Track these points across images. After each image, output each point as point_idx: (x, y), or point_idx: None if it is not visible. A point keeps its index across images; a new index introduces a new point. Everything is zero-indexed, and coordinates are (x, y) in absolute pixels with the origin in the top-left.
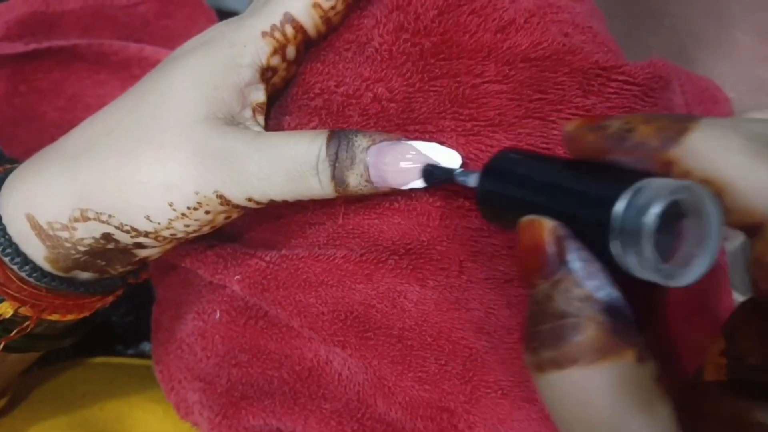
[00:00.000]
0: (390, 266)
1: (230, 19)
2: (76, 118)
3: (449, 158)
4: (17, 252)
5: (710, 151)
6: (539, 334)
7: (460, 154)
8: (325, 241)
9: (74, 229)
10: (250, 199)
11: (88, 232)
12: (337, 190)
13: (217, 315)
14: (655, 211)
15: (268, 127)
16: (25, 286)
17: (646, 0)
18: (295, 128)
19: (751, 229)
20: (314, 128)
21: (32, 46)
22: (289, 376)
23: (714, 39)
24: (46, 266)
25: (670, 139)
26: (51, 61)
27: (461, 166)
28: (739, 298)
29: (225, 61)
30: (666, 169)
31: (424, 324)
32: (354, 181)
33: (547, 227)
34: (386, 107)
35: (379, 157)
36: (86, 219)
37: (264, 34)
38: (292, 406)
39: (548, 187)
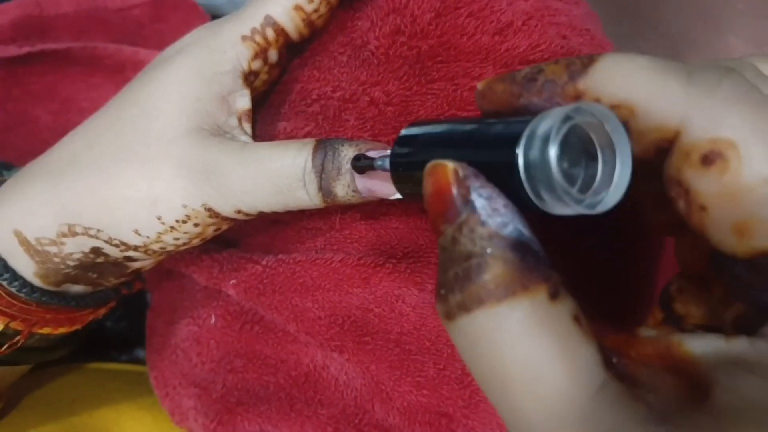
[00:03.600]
0: (388, 270)
1: (209, 24)
2: (70, 122)
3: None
4: (6, 268)
5: (616, 75)
6: (447, 281)
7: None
8: (322, 246)
9: (63, 244)
10: (238, 212)
11: (76, 247)
12: (325, 201)
13: (213, 320)
14: (555, 139)
15: (265, 133)
16: (15, 302)
17: (640, 6)
18: (290, 133)
19: (664, 149)
20: (309, 133)
21: (25, 49)
22: (285, 382)
23: (708, 44)
24: (36, 281)
25: (576, 72)
26: (44, 64)
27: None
28: None
29: (206, 69)
30: (574, 102)
31: (422, 328)
32: (341, 191)
33: (449, 168)
34: (383, 111)
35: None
36: (74, 234)
37: (244, 38)
38: (288, 412)
39: (455, 142)
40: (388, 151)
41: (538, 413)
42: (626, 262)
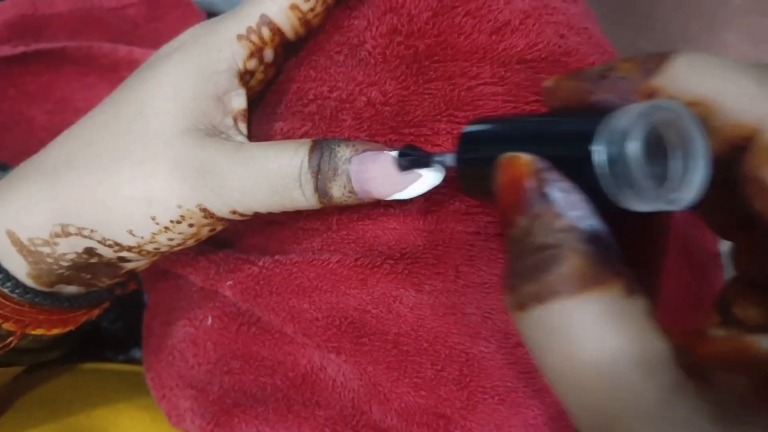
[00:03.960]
0: (385, 271)
1: (205, 22)
2: (66, 122)
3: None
4: None
5: (692, 73)
6: (519, 271)
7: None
8: (319, 246)
9: (56, 244)
10: (234, 212)
11: (70, 248)
12: (321, 202)
13: (209, 321)
14: (636, 135)
15: (261, 133)
16: (7, 302)
17: (637, 4)
18: (287, 133)
19: (740, 147)
20: (306, 133)
21: (20, 49)
22: (282, 383)
23: (705, 42)
24: (29, 282)
25: (651, 70)
26: (40, 64)
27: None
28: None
29: (201, 69)
30: (649, 100)
31: (420, 329)
32: (337, 192)
33: (524, 161)
34: (380, 111)
35: (361, 167)
36: (68, 234)
37: (240, 37)
38: (285, 414)
39: (526, 138)
40: (441, 155)
41: (612, 408)
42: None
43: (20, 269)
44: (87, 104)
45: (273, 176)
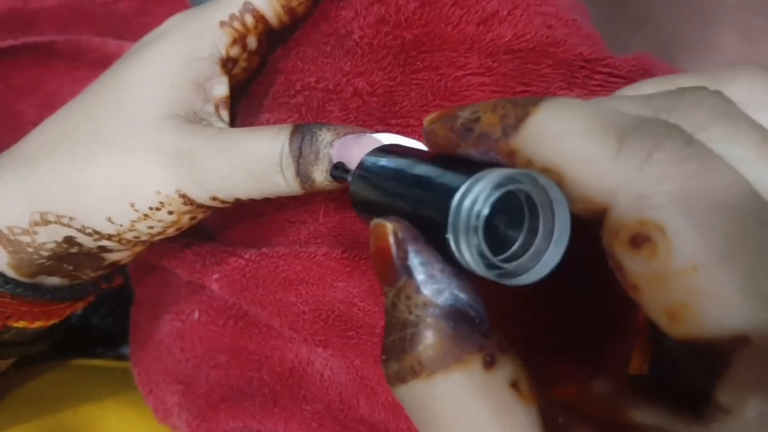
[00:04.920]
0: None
1: (188, 10)
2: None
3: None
4: None
5: (548, 137)
6: (386, 348)
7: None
8: (306, 239)
9: (35, 233)
10: (214, 198)
11: (49, 236)
12: (303, 187)
13: (196, 315)
14: (484, 202)
15: (247, 125)
16: None
17: (630, 2)
18: (273, 124)
19: (598, 218)
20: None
21: (8, 42)
22: (269, 378)
23: (698, 41)
24: (10, 272)
25: (510, 127)
26: (28, 58)
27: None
28: None
29: (182, 55)
30: (511, 160)
31: None
32: (320, 176)
33: (389, 229)
34: (367, 101)
35: (342, 151)
36: (47, 222)
37: (222, 23)
38: (272, 408)
39: (403, 184)
40: (350, 174)
41: None
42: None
43: (0, 259)
44: None
45: (253, 161)
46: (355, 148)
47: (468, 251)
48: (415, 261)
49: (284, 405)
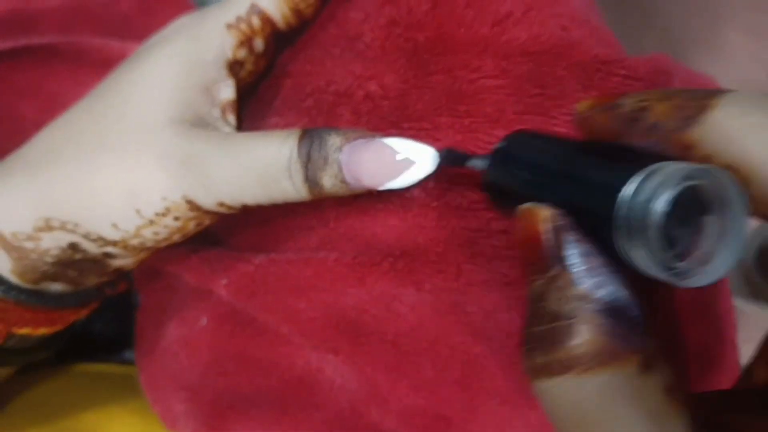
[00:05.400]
0: (384, 269)
1: (193, 12)
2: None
3: (424, 155)
4: None
5: (734, 131)
6: (532, 337)
7: (440, 151)
8: (316, 245)
9: (39, 239)
10: (221, 204)
11: (53, 242)
12: (312, 192)
13: (203, 322)
14: (664, 197)
15: (255, 129)
16: None
17: (639, 2)
18: (283, 129)
19: None
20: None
21: (9, 44)
22: (278, 385)
23: (706, 38)
24: (13, 279)
25: (688, 119)
26: (29, 59)
27: (441, 161)
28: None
29: (188, 58)
30: (685, 154)
31: (420, 329)
32: (328, 182)
33: (543, 216)
34: (379, 105)
35: (352, 156)
36: (51, 228)
37: (229, 26)
38: (281, 416)
39: (554, 172)
40: (476, 158)
41: None
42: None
43: (4, 265)
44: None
45: (261, 166)
46: (365, 153)
47: (641, 249)
48: (573, 251)
49: (293, 413)
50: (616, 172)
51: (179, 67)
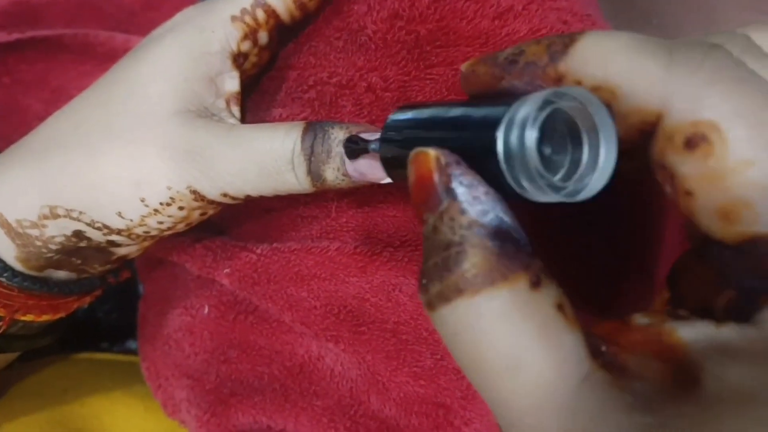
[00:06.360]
0: (385, 258)
1: (199, 4)
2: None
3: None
4: None
5: (597, 56)
6: (428, 270)
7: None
8: (318, 234)
9: (44, 226)
10: (225, 195)
11: (58, 230)
12: (314, 185)
13: (206, 310)
14: (533, 124)
15: (259, 120)
16: None
17: None
18: (286, 120)
19: (647, 132)
20: (305, 119)
21: (15, 36)
22: (279, 373)
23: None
24: (18, 266)
25: (557, 53)
26: (35, 51)
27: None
28: None
29: (193, 49)
30: (558, 85)
31: (419, 318)
32: (331, 175)
33: (432, 155)
34: (381, 96)
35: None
36: (56, 216)
37: (234, 18)
38: (282, 403)
39: (439, 127)
40: (371, 141)
41: (520, 403)
42: (625, 245)
43: (8, 252)
44: None
45: (264, 158)
46: None
47: (524, 174)
48: (459, 183)
49: (294, 400)
50: (492, 109)
51: (185, 58)
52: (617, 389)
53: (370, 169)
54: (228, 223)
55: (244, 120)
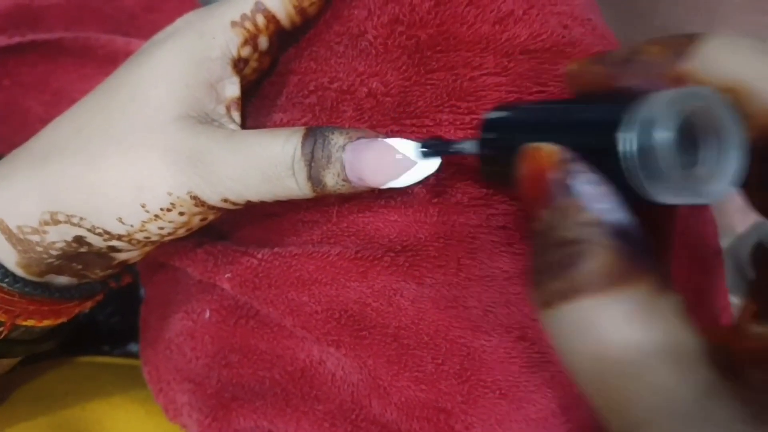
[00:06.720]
0: (386, 263)
1: (199, 9)
2: (62, 113)
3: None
4: None
5: (722, 56)
6: (544, 267)
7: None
8: (319, 239)
9: (45, 232)
10: (225, 200)
11: (59, 236)
12: (314, 191)
13: (207, 314)
14: (666, 123)
15: (260, 125)
16: None
17: (636, 0)
18: (287, 125)
19: None
20: (306, 124)
21: (16, 39)
22: (281, 377)
23: None
24: (19, 271)
25: (678, 54)
26: (36, 54)
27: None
28: (734, 299)
29: (194, 55)
30: (678, 85)
31: (420, 322)
32: (331, 180)
33: (548, 152)
34: (382, 101)
35: (355, 155)
36: (57, 222)
37: (234, 23)
38: (283, 408)
39: (548, 126)
40: (462, 142)
41: (643, 410)
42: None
43: (9, 258)
44: (83, 96)
45: (265, 164)
46: (368, 152)
47: (649, 175)
48: (580, 180)
49: (296, 405)
50: (609, 108)
51: (185, 63)
52: (740, 399)
53: (371, 175)
54: (229, 227)
55: (244, 125)
